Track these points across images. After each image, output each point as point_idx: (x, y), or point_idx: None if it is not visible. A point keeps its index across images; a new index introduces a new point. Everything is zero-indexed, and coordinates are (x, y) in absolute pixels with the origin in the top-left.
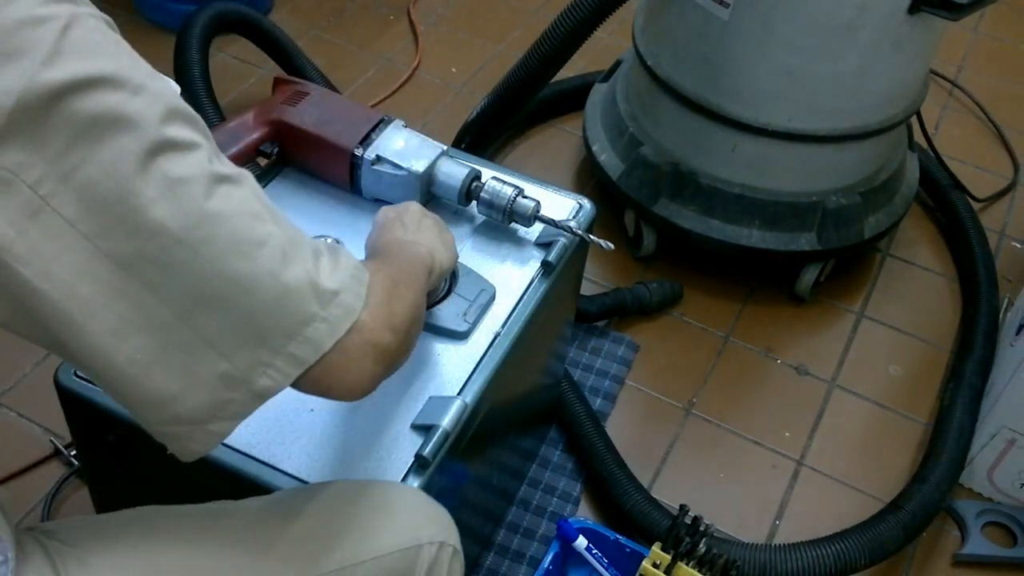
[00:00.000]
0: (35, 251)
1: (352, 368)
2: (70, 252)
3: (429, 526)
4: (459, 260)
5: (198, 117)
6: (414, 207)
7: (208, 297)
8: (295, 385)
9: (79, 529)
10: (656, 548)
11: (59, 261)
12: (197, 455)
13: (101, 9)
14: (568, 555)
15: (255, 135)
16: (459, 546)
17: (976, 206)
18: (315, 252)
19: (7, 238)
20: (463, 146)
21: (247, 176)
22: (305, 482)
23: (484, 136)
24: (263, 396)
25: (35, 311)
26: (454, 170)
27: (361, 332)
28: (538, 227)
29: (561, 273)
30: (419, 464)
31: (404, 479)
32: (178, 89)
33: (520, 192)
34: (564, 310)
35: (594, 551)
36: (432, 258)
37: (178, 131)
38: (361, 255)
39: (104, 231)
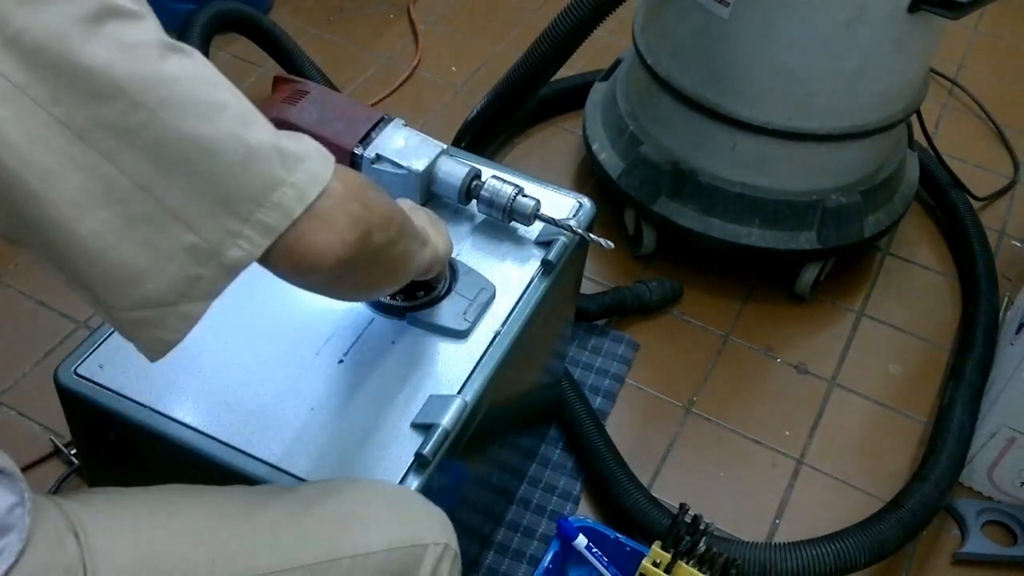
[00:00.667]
0: None
1: (324, 232)
2: (23, 118)
3: (434, 528)
4: (459, 259)
5: None
6: (405, 203)
7: (170, 163)
8: (268, 263)
9: (92, 494)
10: (656, 547)
11: (13, 128)
12: (167, 347)
13: None
14: (568, 554)
15: None
16: (458, 551)
17: (976, 205)
18: (274, 128)
19: None
20: (463, 145)
21: (198, 53)
22: (307, 482)
23: (484, 135)
24: (233, 270)
25: None
26: (454, 169)
27: (332, 197)
28: (538, 226)
29: (561, 272)
30: (419, 463)
31: (404, 478)
32: None
33: (520, 191)
34: (564, 309)
35: (594, 550)
36: (426, 232)
37: (123, 1)
38: None
39: (56, 97)
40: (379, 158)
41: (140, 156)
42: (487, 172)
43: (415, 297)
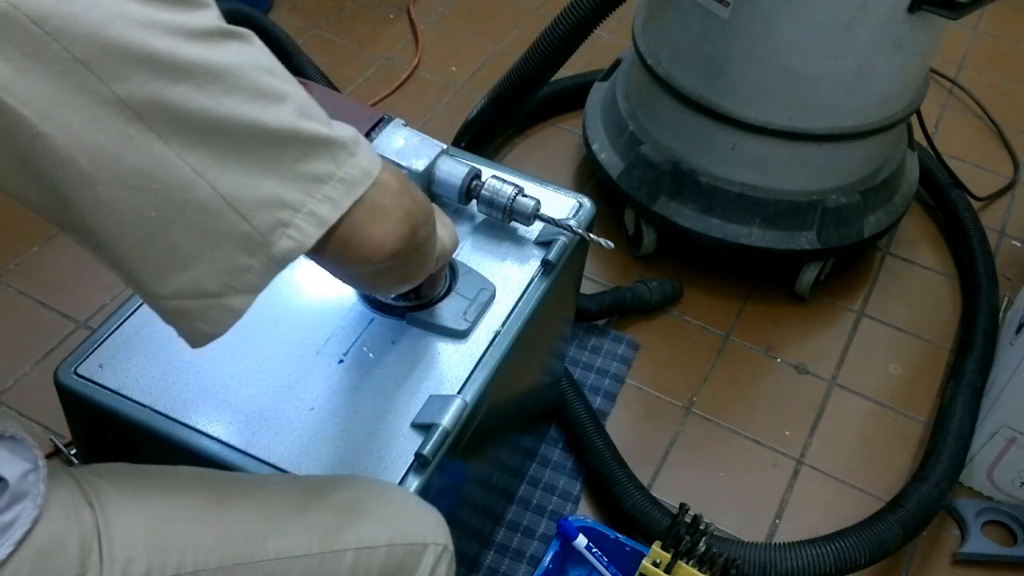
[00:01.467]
0: (36, 92)
1: (380, 225)
2: (80, 95)
3: (434, 529)
4: (459, 259)
5: None
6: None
7: (226, 149)
8: (319, 254)
9: (107, 467)
10: (656, 547)
11: (65, 104)
12: (208, 339)
13: None
14: (568, 554)
15: None
16: (454, 553)
17: (976, 205)
18: (328, 119)
19: (3, 76)
20: (463, 145)
21: (256, 39)
22: None
23: (484, 135)
24: (283, 261)
25: (37, 159)
26: (454, 169)
27: (384, 188)
28: (538, 226)
29: (561, 272)
30: (419, 463)
31: (404, 478)
32: None
33: (520, 191)
34: (564, 309)
35: (594, 550)
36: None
37: None
38: None
39: (121, 74)
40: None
41: (198, 140)
42: (487, 172)
43: (416, 297)
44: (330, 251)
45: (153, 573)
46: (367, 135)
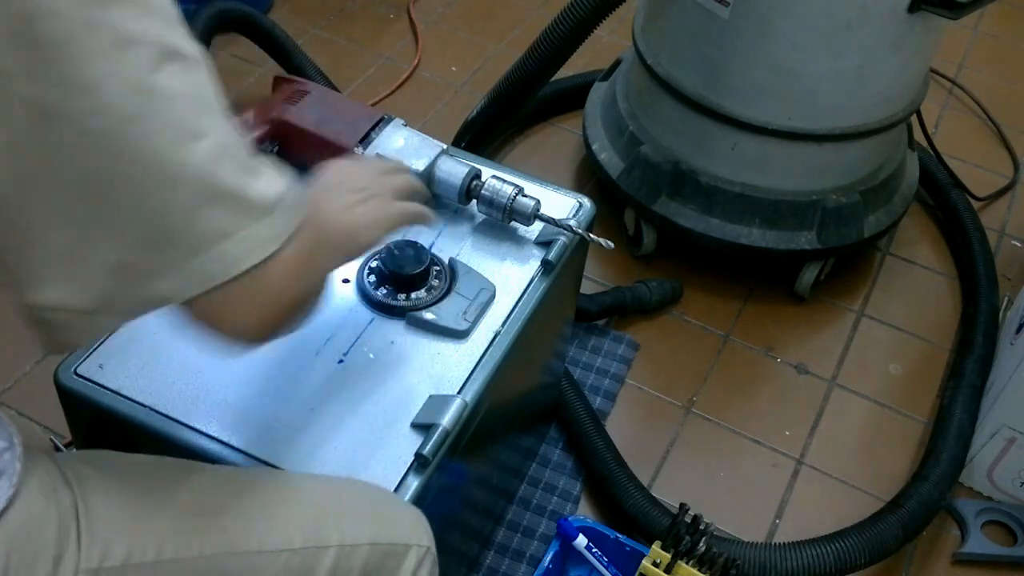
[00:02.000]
0: None
1: (253, 305)
2: None
3: (418, 530)
4: (459, 259)
5: None
6: (371, 169)
7: (124, 177)
8: (186, 306)
9: (91, 453)
10: (656, 547)
11: None
12: (66, 349)
13: None
14: (568, 554)
15: (255, 134)
16: (437, 557)
17: (976, 205)
18: (251, 168)
19: None
20: (463, 145)
21: (201, 62)
22: None
23: (484, 135)
24: (153, 304)
25: None
26: (454, 169)
27: (276, 267)
28: (538, 226)
29: (561, 272)
30: (419, 463)
31: (404, 478)
32: None
33: (520, 191)
34: (564, 309)
35: (594, 550)
36: (352, 243)
37: None
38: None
39: (32, 72)
40: (379, 158)
41: (99, 162)
42: (487, 172)
43: (416, 294)
44: (196, 312)
45: (132, 558)
46: (367, 135)
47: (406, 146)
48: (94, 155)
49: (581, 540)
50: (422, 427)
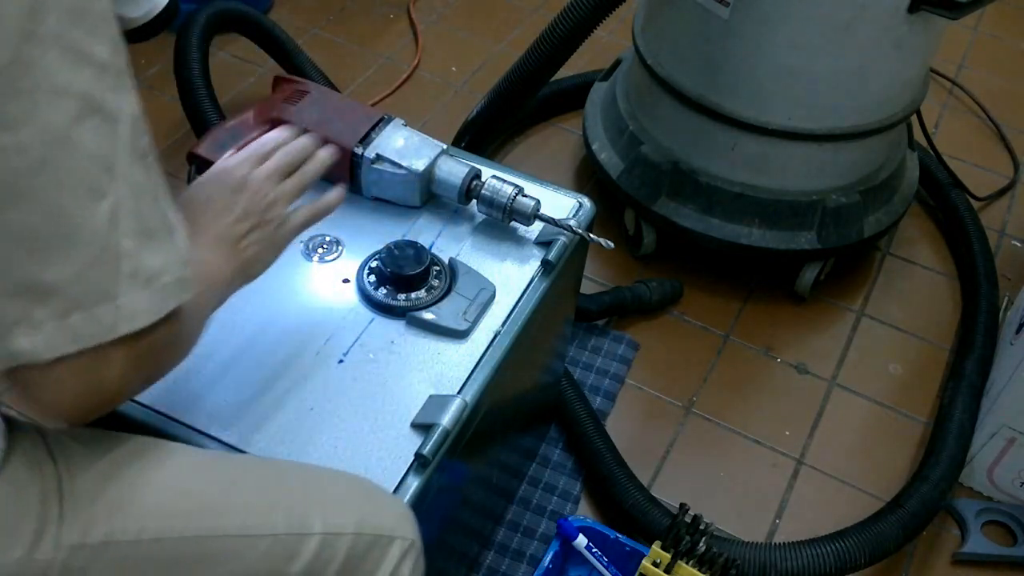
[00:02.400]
0: None
1: (80, 384)
2: None
3: (403, 523)
4: (459, 259)
5: (117, 36)
6: (247, 182)
7: (19, 222)
8: (22, 370)
9: (80, 429)
10: (656, 547)
11: None
12: None
13: None
14: (568, 554)
15: (255, 134)
16: (422, 551)
17: (976, 205)
18: (151, 233)
19: None
20: (463, 145)
21: (123, 115)
22: None
23: (484, 135)
24: (10, 357)
25: None
26: (454, 169)
27: (139, 343)
28: (538, 226)
29: (561, 272)
30: (419, 463)
31: (404, 478)
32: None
33: (520, 191)
34: (564, 309)
35: (594, 550)
36: (245, 279)
37: (83, 35)
38: (359, 254)
39: None
40: (379, 158)
41: (1, 200)
42: (487, 172)
43: (416, 294)
44: (28, 376)
45: (114, 536)
46: (367, 135)
47: (406, 146)
48: None
49: (581, 540)
50: (422, 427)
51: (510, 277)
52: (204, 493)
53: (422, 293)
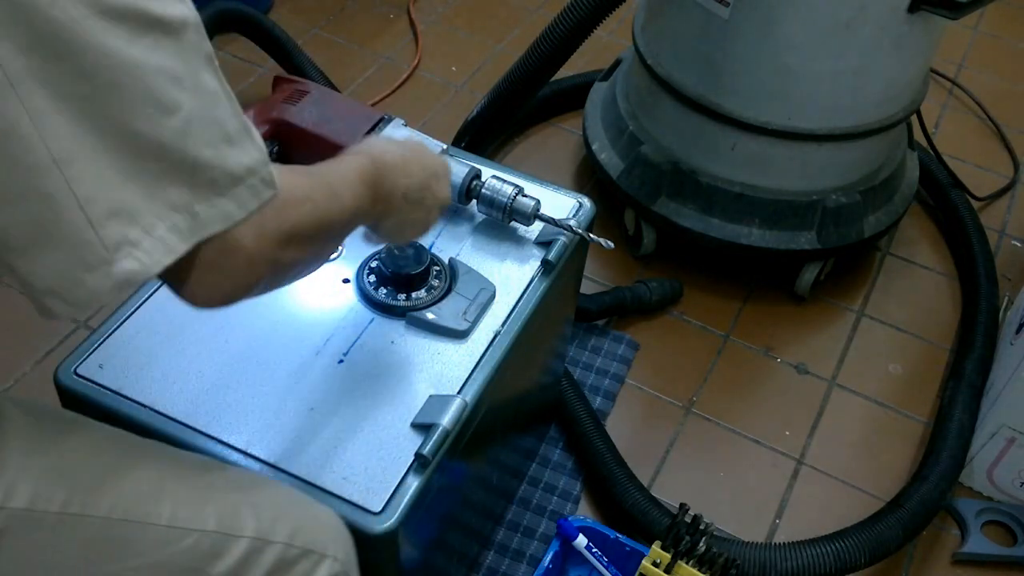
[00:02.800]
0: None
1: (210, 275)
2: None
3: (338, 543)
4: (459, 259)
5: None
6: (439, 169)
7: (94, 148)
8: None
9: (29, 400)
10: (656, 547)
11: None
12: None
13: None
14: (568, 554)
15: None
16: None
17: (976, 205)
18: (226, 137)
19: None
20: (463, 145)
21: (190, 27)
22: (306, 481)
23: (484, 135)
24: (123, 284)
25: None
26: (454, 168)
27: (235, 245)
28: (538, 226)
29: (561, 272)
30: (419, 463)
31: (404, 478)
32: None
33: (520, 191)
34: (564, 309)
35: (594, 550)
36: (394, 236)
37: None
38: (359, 255)
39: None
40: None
41: (69, 130)
42: (487, 172)
43: (416, 294)
44: (170, 282)
45: (37, 504)
46: (367, 134)
47: None
48: (69, 124)
49: (581, 540)
50: (422, 427)
51: (510, 277)
52: (138, 478)
53: (422, 293)
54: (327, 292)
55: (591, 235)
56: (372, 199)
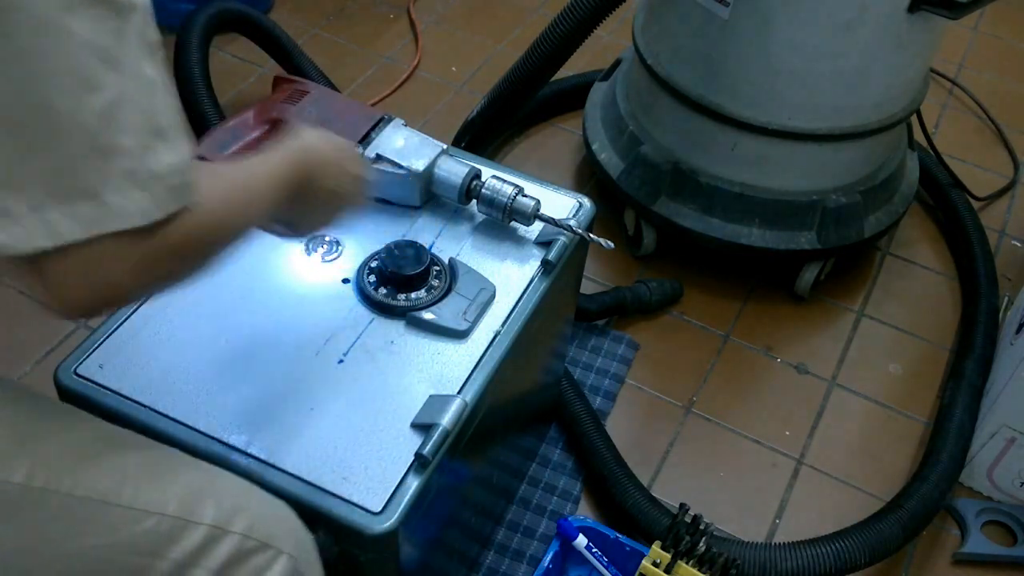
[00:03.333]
0: None
1: (85, 278)
2: None
3: (295, 540)
4: (459, 259)
5: None
6: (358, 165)
7: (3, 110)
8: (17, 268)
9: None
10: (656, 547)
11: None
12: None
13: None
14: (568, 554)
15: (255, 134)
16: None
17: (976, 205)
18: (156, 130)
19: None
20: (463, 145)
21: (138, 11)
22: (307, 481)
23: (484, 135)
24: None
25: None
26: (454, 169)
27: (144, 243)
28: (538, 226)
29: (561, 272)
30: (419, 463)
31: (404, 478)
32: None
33: (520, 191)
34: (564, 309)
35: (594, 550)
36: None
37: None
38: (359, 255)
39: None
40: (379, 158)
41: None
42: (487, 172)
43: (416, 294)
44: (31, 267)
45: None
46: (367, 135)
47: (406, 146)
48: None
49: (581, 540)
50: (422, 427)
51: (510, 277)
52: (100, 458)
53: (422, 293)
54: (327, 293)
55: (591, 235)
56: (290, 200)
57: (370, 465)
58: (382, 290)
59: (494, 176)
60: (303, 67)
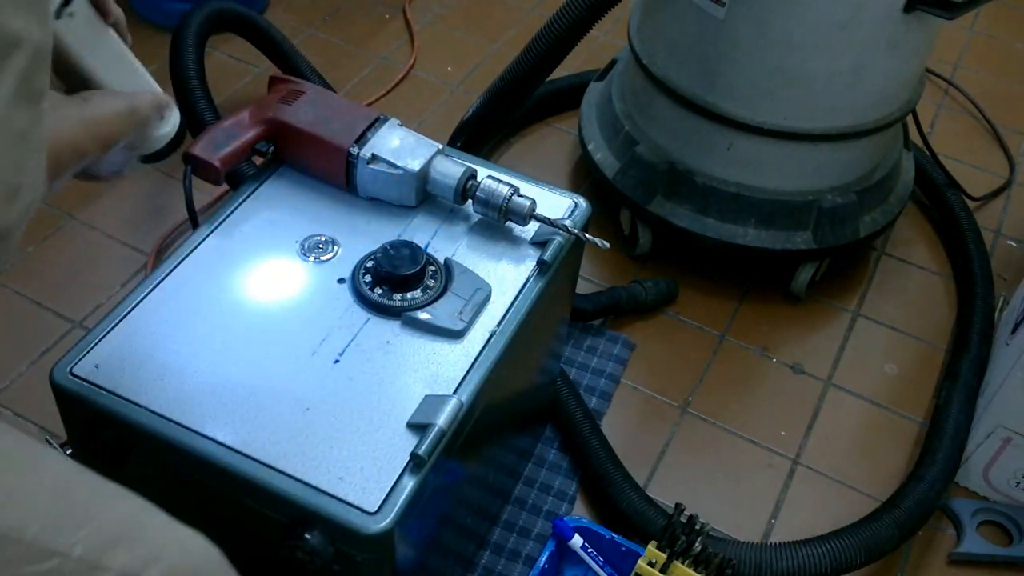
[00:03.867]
0: None
1: None
2: None
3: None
4: (455, 259)
5: None
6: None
7: None
8: None
9: None
10: (652, 547)
11: None
12: None
13: None
14: (564, 554)
15: (251, 134)
16: None
17: (972, 205)
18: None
19: None
20: (458, 145)
21: (23, 49)
22: (302, 481)
23: (479, 135)
24: None
25: None
26: (449, 169)
27: None
28: (534, 226)
29: (557, 272)
30: (415, 463)
31: (399, 478)
32: None
33: (516, 191)
34: (560, 309)
35: (590, 550)
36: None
37: None
38: (355, 254)
39: None
40: (375, 158)
41: None
42: (483, 172)
43: (411, 294)
44: None
45: None
46: (363, 135)
47: (401, 146)
48: None
49: (577, 540)
50: (418, 427)
51: (506, 277)
52: (15, 489)
53: (418, 293)
54: (322, 292)
55: (587, 235)
56: (66, 171)
57: (366, 465)
58: (378, 290)
59: (490, 176)
60: (299, 67)
